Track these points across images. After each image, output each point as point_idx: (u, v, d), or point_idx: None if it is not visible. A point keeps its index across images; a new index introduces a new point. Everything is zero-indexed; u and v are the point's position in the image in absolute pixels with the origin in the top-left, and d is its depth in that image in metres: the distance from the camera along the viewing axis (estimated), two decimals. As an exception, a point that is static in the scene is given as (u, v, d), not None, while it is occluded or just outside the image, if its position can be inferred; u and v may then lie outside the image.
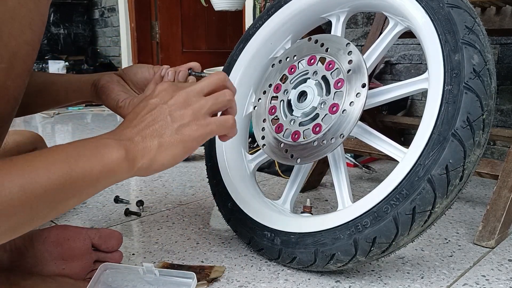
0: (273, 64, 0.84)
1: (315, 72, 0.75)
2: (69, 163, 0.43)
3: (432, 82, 0.64)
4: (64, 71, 3.13)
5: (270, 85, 0.82)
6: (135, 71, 0.74)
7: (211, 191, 0.87)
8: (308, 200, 0.82)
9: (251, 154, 0.88)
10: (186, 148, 0.51)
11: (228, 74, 0.91)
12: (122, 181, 0.49)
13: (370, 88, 0.70)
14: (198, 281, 0.65)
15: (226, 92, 0.55)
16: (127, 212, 0.97)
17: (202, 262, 0.75)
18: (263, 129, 0.80)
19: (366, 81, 0.68)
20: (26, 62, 0.47)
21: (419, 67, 1.62)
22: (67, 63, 3.16)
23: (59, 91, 0.74)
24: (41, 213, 0.42)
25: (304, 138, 0.73)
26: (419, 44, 0.70)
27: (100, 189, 0.47)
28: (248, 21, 2.14)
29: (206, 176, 0.90)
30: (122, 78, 0.74)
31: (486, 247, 0.82)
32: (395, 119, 1.39)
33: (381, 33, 1.05)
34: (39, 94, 0.73)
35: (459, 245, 0.83)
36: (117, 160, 0.46)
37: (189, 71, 0.73)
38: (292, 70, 0.79)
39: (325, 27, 1.50)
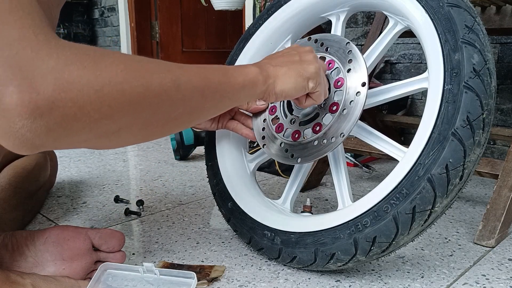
0: (273, 63, 0.84)
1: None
2: (222, 71, 0.55)
3: (432, 82, 0.64)
4: (64, 71, 3.13)
5: (270, 85, 0.82)
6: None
7: (211, 191, 0.88)
8: (308, 199, 0.82)
9: (251, 153, 0.88)
10: (304, 82, 0.63)
11: (228, 73, 0.91)
12: (250, 99, 0.63)
13: (370, 88, 0.70)
14: (198, 281, 0.65)
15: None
16: (127, 212, 0.97)
17: (202, 261, 0.75)
18: (263, 129, 0.80)
19: (366, 80, 0.68)
20: None
21: (419, 66, 1.62)
22: (67, 63, 3.15)
23: None
24: (194, 109, 0.52)
25: (304, 138, 0.73)
26: (419, 43, 0.70)
27: (242, 97, 0.60)
28: (248, 20, 2.14)
29: (206, 175, 0.90)
30: None
31: (486, 247, 0.82)
32: (395, 119, 1.39)
33: (381, 32, 1.05)
34: None
35: (459, 245, 0.83)
36: (255, 74, 0.59)
37: None
38: (292, 69, 0.79)
39: (325, 27, 1.50)
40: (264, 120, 0.80)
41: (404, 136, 1.66)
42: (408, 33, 0.78)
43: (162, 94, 0.46)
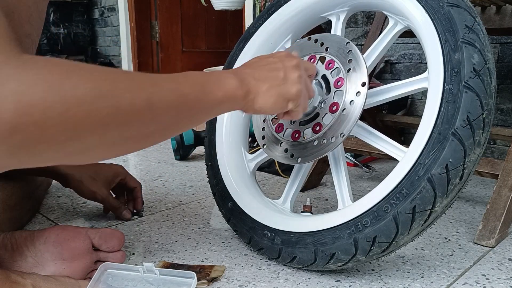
0: (273, 63, 0.84)
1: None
2: (199, 85, 0.52)
3: (432, 81, 0.64)
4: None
5: (270, 85, 0.82)
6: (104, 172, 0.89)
7: (211, 191, 0.88)
8: (308, 199, 0.82)
9: (251, 153, 0.88)
10: (285, 102, 0.60)
11: (228, 73, 0.91)
12: (228, 111, 0.61)
13: (370, 87, 0.70)
14: (198, 281, 0.65)
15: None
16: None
17: (202, 261, 0.75)
18: (263, 129, 0.80)
19: (366, 80, 0.68)
20: None
21: (419, 66, 1.62)
22: (67, 63, 3.15)
23: None
24: (167, 126, 0.50)
25: (304, 138, 0.73)
26: (419, 43, 0.70)
27: (220, 111, 0.58)
28: (248, 20, 2.14)
29: (206, 175, 0.90)
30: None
31: (486, 246, 0.82)
32: (395, 118, 1.39)
33: (381, 32, 1.05)
34: None
35: (459, 244, 0.83)
36: (235, 88, 0.55)
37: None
38: (292, 69, 0.79)
39: (325, 26, 1.50)
40: (264, 120, 0.80)
41: (404, 136, 1.66)
42: (408, 33, 0.78)
43: (133, 113, 0.43)
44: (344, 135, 0.68)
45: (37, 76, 0.37)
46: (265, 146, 0.79)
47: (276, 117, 0.79)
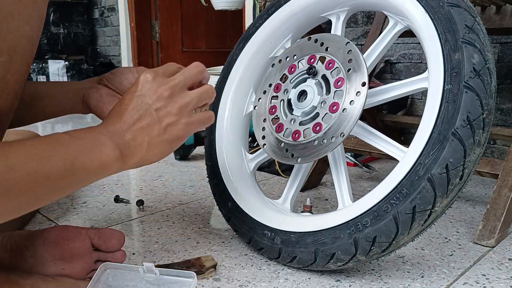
0: (273, 64, 0.84)
1: (315, 71, 0.75)
2: (71, 156, 0.47)
3: (432, 81, 0.64)
4: (64, 71, 3.13)
5: (270, 85, 0.82)
6: (120, 80, 0.70)
7: (211, 191, 0.88)
8: (308, 199, 0.82)
9: (251, 153, 0.88)
10: (173, 146, 0.56)
11: (228, 73, 0.91)
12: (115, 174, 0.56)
13: (370, 87, 0.70)
14: (197, 274, 0.65)
15: (209, 89, 0.58)
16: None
17: (203, 261, 0.75)
18: (263, 128, 0.80)
19: (366, 80, 0.68)
20: (24, 56, 0.49)
21: (419, 66, 1.62)
22: (67, 63, 3.15)
23: (46, 106, 0.70)
24: (40, 198, 0.46)
25: (304, 138, 0.73)
26: (419, 43, 0.70)
27: (94, 181, 0.52)
28: (248, 20, 2.14)
29: (206, 175, 0.90)
30: (109, 87, 0.70)
31: (486, 246, 0.82)
32: (395, 118, 1.39)
33: (381, 32, 1.05)
34: (28, 108, 0.69)
35: (459, 244, 0.83)
36: (113, 159, 0.51)
37: None
38: (292, 69, 0.80)
39: (325, 26, 1.50)
40: (264, 120, 0.80)
41: (404, 136, 1.66)
42: (408, 33, 0.78)
43: None
44: (344, 135, 0.68)
45: None
46: (265, 146, 0.79)
47: (276, 117, 0.79)
